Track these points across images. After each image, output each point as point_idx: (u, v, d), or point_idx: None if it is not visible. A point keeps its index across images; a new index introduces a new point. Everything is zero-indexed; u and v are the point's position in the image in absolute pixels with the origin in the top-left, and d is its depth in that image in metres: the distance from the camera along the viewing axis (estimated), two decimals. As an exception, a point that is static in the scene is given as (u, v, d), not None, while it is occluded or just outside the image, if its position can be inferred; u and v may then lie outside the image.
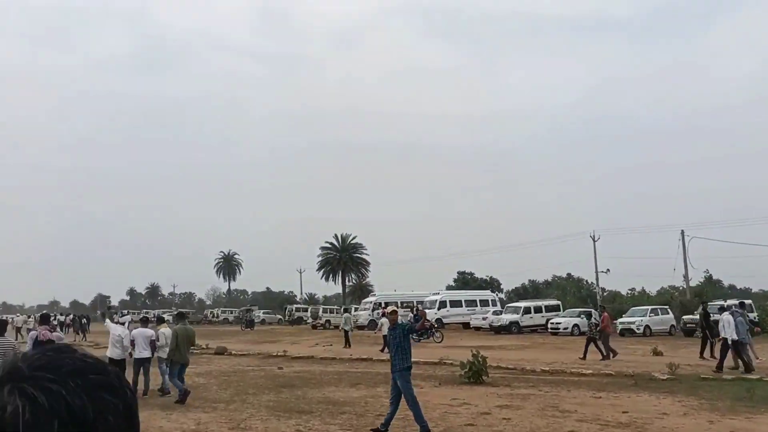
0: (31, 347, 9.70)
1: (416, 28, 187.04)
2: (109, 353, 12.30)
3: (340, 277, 72.84)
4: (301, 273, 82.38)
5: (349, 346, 27.54)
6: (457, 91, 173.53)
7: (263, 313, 68.14)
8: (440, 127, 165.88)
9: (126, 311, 61.26)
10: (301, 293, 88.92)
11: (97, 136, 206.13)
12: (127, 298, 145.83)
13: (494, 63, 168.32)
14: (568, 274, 74.00)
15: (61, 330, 43.47)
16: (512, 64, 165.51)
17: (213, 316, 73.74)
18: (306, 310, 63.17)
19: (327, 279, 73.95)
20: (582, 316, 31.76)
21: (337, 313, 53.22)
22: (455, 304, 44.22)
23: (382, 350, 21.91)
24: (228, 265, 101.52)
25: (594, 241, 52.86)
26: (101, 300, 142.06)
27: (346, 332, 29.07)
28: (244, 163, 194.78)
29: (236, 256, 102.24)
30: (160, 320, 15.79)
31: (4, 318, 19.34)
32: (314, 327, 50.87)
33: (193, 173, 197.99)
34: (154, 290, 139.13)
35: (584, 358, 20.22)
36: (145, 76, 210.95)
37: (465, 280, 71.48)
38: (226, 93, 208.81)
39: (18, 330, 39.45)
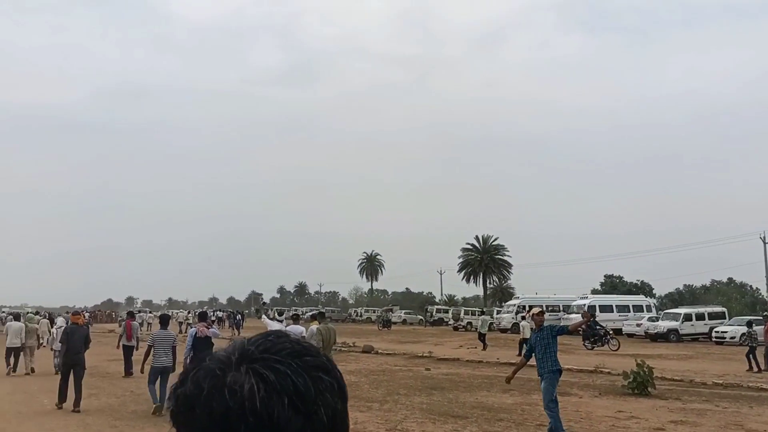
0: (191, 342, 10.79)
1: (562, 21, 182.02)
2: None
3: (480, 279, 71.94)
4: (441, 274, 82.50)
5: (485, 348, 27.19)
6: (602, 83, 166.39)
7: (404, 313, 68.91)
8: (581, 121, 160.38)
9: (273, 309, 64.60)
10: (441, 294, 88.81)
11: (249, 145, 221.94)
12: (278, 295, 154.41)
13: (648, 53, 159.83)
14: (730, 279, 67.96)
15: (219, 325, 47.02)
16: (665, 52, 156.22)
17: (357, 315, 75.81)
18: (447, 312, 63.07)
19: (468, 280, 73.39)
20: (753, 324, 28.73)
21: (479, 315, 52.69)
22: (605, 309, 41.75)
23: (518, 354, 21.01)
24: (371, 266, 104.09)
25: (765, 243, 47.93)
26: (254, 297, 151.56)
27: (481, 335, 28.70)
28: (386, 167, 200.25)
29: (378, 257, 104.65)
30: (309, 317, 16.26)
31: (168, 313, 20.73)
32: (455, 329, 50.49)
33: (338, 177, 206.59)
34: (301, 288, 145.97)
35: (759, 370, 18.29)
36: (293, 86, 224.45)
37: (613, 284, 67.55)
38: (368, 97, 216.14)
39: (180, 324, 43.10)
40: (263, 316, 17.08)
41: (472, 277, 72.85)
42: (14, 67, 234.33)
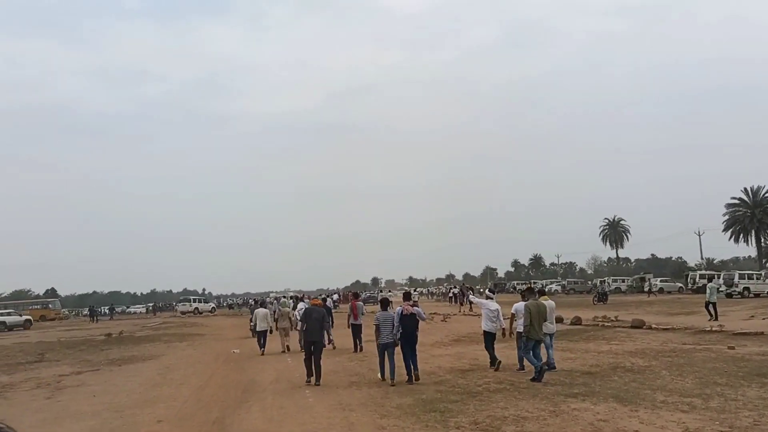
0: (397, 321, 11.74)
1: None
2: (483, 326, 13.06)
3: (753, 238, 61.92)
4: (700, 235, 73.17)
5: (715, 319, 23.09)
6: None
7: (660, 281, 62.14)
8: None
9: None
10: (701, 257, 78.89)
11: (472, 118, 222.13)
12: (512, 269, 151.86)
13: None
14: None
15: (452, 301, 46.74)
16: None
17: (594, 286, 70.39)
18: (713, 278, 55.23)
19: (736, 240, 63.69)
20: None
21: (756, 279, 45.03)
22: None
23: None
24: (614, 232, 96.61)
25: None
26: (489, 272, 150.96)
27: (708, 304, 24.33)
28: (615, 123, 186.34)
29: (623, 222, 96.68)
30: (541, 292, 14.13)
31: (388, 296, 20.88)
32: (728, 296, 43.59)
33: (567, 142, 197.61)
34: (537, 261, 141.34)
35: None
36: (511, 58, 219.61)
37: None
38: (589, 54, 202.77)
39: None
40: (471, 294, 15.74)
41: (741, 236, 63.08)
42: (259, 82, 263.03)
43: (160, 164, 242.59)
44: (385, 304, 12.75)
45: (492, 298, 15.48)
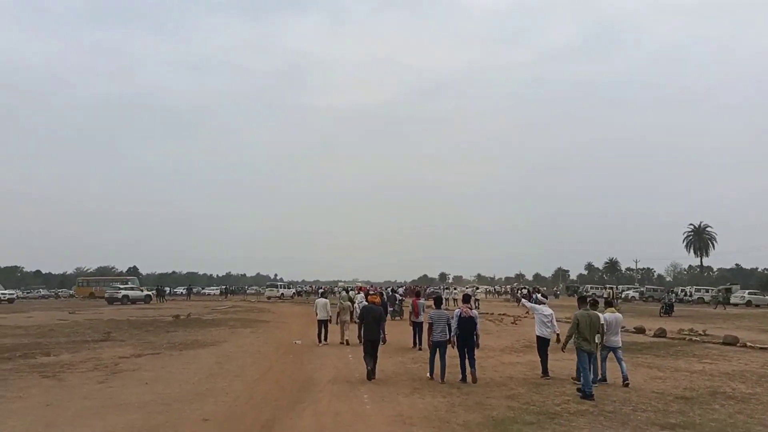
0: (456, 323, 11.79)
1: None
2: (537, 332, 12.62)
3: None
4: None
5: None
6: None
7: (748, 293, 58.11)
8: None
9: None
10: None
11: (548, 120, 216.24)
12: (585, 272, 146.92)
13: None
14: None
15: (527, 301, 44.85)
16: None
17: (685, 294, 66.53)
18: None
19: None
20: None
21: None
22: None
23: None
24: (698, 239, 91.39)
25: None
26: (561, 274, 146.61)
27: None
28: (705, 129, 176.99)
29: (709, 229, 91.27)
30: (608, 303, 13.20)
31: (440, 294, 20.01)
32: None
33: (647, 144, 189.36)
34: (612, 265, 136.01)
35: None
36: (591, 60, 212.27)
37: None
38: (679, 52, 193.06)
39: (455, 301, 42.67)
40: (522, 299, 14.64)
41: None
42: (341, 78, 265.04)
43: (240, 154, 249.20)
44: (439, 302, 12.96)
45: (545, 303, 14.34)
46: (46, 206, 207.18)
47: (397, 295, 33.54)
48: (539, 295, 16.60)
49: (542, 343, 12.55)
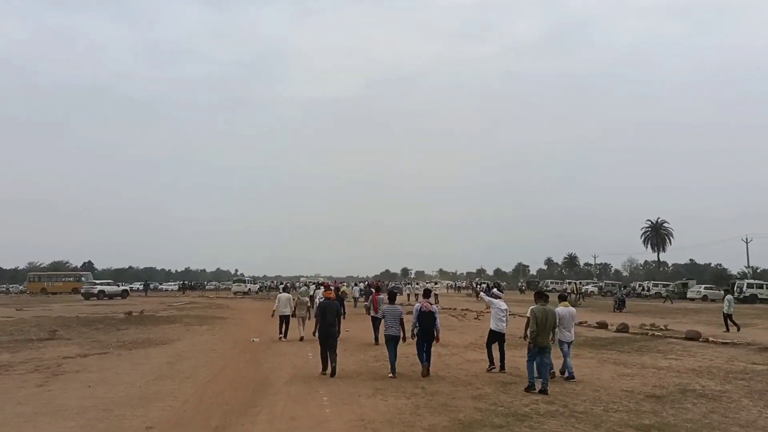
0: (415, 318, 11.84)
1: None
2: (492, 326, 12.61)
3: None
4: (747, 242, 69.80)
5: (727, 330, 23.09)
6: None
7: (704, 288, 59.33)
8: None
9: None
10: (748, 265, 75.38)
11: (513, 115, 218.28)
12: (545, 267, 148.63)
13: None
14: None
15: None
16: None
17: (642, 289, 67.62)
18: (761, 287, 52.53)
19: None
20: None
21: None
22: None
23: None
24: (656, 235, 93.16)
25: None
26: (522, 269, 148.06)
27: (725, 316, 24.05)
28: (660, 126, 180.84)
29: (666, 225, 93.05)
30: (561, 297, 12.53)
31: (396, 289, 20.20)
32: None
33: (608, 142, 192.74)
34: (571, 260, 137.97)
35: None
36: (556, 56, 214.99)
37: None
38: (638, 54, 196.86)
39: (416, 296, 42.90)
40: (481, 293, 14.61)
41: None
42: (302, 66, 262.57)
43: (199, 146, 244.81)
44: (392, 297, 13.21)
45: (500, 297, 13.83)
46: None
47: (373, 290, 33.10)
48: (495, 290, 16.32)
49: (495, 337, 12.58)
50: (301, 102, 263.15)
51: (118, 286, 59.16)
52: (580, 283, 68.23)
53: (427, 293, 12.91)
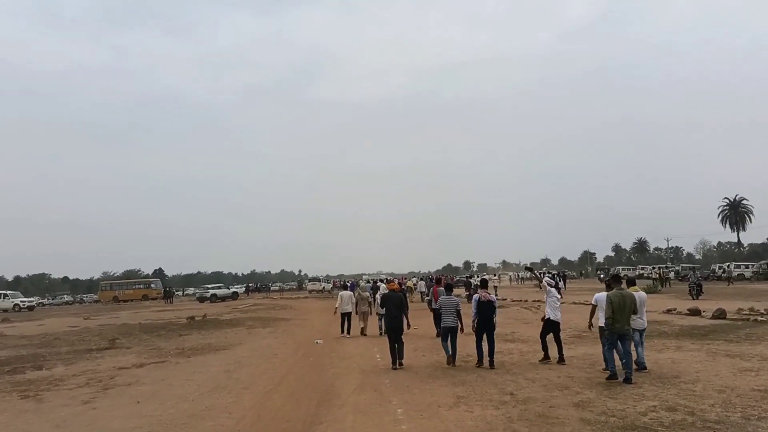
0: (474, 308, 11.77)
1: None
2: (551, 315, 12.10)
3: None
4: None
5: None
6: None
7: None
8: None
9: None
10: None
11: (571, 98, 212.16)
12: (612, 254, 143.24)
13: None
14: None
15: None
16: None
17: (723, 272, 63.46)
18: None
19: None
20: None
21: None
22: None
23: None
24: (734, 214, 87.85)
25: None
26: (588, 257, 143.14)
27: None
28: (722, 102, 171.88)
29: (744, 203, 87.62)
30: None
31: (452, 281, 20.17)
32: None
33: (671, 121, 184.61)
34: (641, 245, 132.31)
35: None
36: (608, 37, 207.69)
37: None
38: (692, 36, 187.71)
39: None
40: (544, 280, 13.28)
41: None
42: (350, 65, 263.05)
43: (258, 152, 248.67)
44: (449, 288, 13.22)
45: (553, 285, 12.83)
46: (71, 214, 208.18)
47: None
48: (548, 278, 15.17)
49: (552, 326, 12.16)
50: (355, 100, 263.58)
51: (228, 288, 64.11)
52: (668, 267, 64.40)
53: (484, 283, 12.90)
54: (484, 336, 11.75)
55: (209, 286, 69.46)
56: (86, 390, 11.05)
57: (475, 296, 12.01)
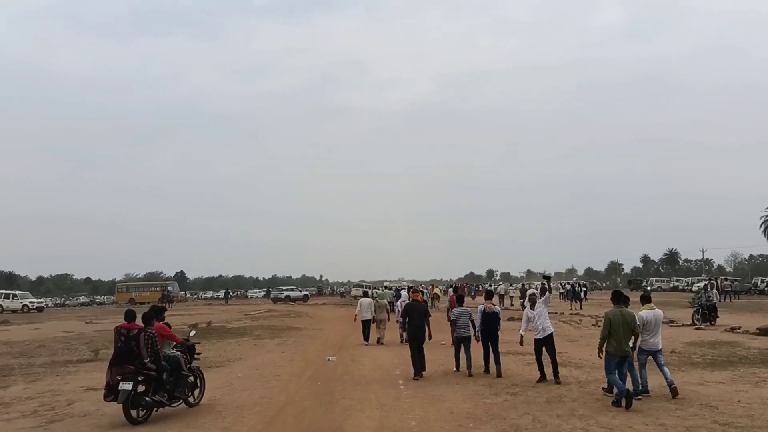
0: (480, 318, 12.23)
1: None
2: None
3: None
4: None
5: None
6: None
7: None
8: None
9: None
10: None
11: (590, 109, 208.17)
12: (640, 265, 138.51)
13: None
14: None
15: (566, 298, 40.01)
16: None
17: (766, 285, 59.45)
18: None
19: None
20: None
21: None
22: None
23: None
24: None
25: None
26: (615, 267, 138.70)
27: None
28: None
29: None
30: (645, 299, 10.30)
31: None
32: None
33: (707, 132, 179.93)
34: (671, 256, 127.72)
35: None
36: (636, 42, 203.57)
37: None
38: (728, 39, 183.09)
39: (501, 297, 40.20)
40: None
41: None
42: (376, 73, 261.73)
43: (283, 157, 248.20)
44: (461, 300, 13.16)
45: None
46: (96, 215, 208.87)
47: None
48: (533, 289, 13.84)
49: (544, 342, 11.27)
50: (377, 106, 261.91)
51: (300, 291, 67.85)
52: (725, 279, 59.68)
53: (489, 295, 13.50)
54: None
55: (283, 288, 74.61)
56: (28, 422, 8.62)
57: (480, 307, 12.41)
